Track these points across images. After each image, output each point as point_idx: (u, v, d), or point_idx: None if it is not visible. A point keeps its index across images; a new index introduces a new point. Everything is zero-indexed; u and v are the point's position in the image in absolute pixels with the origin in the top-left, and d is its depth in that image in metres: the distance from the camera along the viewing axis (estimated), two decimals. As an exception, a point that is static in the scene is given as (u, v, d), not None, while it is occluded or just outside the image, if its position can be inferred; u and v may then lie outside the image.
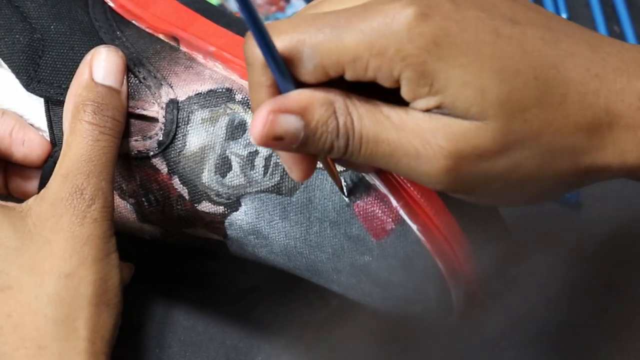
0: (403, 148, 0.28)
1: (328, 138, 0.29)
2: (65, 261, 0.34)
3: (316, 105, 0.28)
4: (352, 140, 0.29)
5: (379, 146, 0.28)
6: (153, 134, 0.36)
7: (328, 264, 0.36)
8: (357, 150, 0.29)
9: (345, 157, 0.29)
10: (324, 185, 0.35)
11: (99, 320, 0.34)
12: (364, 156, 0.29)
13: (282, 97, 0.29)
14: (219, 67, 0.36)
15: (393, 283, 0.35)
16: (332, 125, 0.28)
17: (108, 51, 0.36)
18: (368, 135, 0.28)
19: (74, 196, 0.34)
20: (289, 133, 0.28)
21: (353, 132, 0.28)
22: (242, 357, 0.41)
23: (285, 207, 0.35)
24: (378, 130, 0.28)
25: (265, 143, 0.29)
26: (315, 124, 0.28)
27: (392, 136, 0.28)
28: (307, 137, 0.29)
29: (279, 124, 0.28)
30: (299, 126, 0.28)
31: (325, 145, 0.29)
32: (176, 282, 0.43)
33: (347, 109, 0.29)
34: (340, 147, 0.29)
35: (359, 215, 0.34)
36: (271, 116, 0.28)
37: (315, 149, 0.29)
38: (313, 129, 0.28)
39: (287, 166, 0.31)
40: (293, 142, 0.29)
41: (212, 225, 0.37)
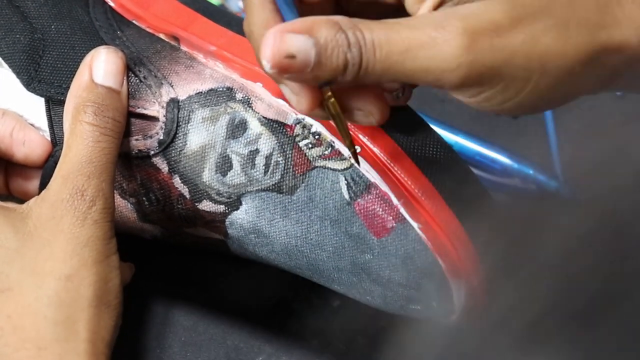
0: (417, 39, 0.28)
1: (340, 51, 0.28)
2: (66, 263, 0.34)
3: (321, 23, 0.28)
4: (365, 47, 0.28)
5: (393, 45, 0.28)
6: (154, 133, 0.36)
7: (329, 262, 0.36)
8: (372, 56, 0.28)
9: (362, 69, 0.28)
10: (324, 184, 0.35)
11: (99, 321, 0.34)
12: (380, 62, 0.28)
13: (286, 22, 0.29)
14: (220, 66, 0.36)
15: (394, 281, 0.35)
16: (342, 38, 0.28)
17: (108, 52, 0.36)
18: (380, 38, 0.28)
19: (74, 197, 0.34)
20: (300, 50, 0.28)
21: (364, 39, 0.28)
22: (243, 357, 0.41)
23: (286, 206, 0.35)
24: (389, 32, 0.28)
25: (278, 63, 0.28)
26: (325, 39, 0.28)
27: (405, 33, 0.28)
28: (319, 55, 0.28)
29: (289, 42, 0.28)
30: (309, 43, 0.28)
31: (339, 61, 0.28)
32: (177, 282, 0.43)
33: (352, 23, 0.29)
34: (355, 57, 0.28)
35: (359, 213, 0.34)
36: (279, 35, 0.28)
37: (330, 67, 0.28)
38: (323, 45, 0.28)
39: (294, 95, 0.31)
40: (306, 63, 0.28)
41: (213, 224, 0.37)
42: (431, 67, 0.28)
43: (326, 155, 0.34)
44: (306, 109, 0.31)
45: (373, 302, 0.37)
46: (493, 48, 0.28)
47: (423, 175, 0.34)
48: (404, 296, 0.35)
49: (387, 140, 0.34)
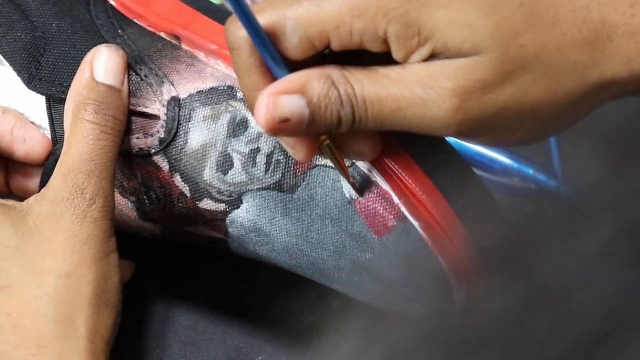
0: (407, 99, 0.28)
1: (334, 109, 0.29)
2: (66, 261, 0.34)
3: (314, 80, 0.29)
4: (357, 105, 0.29)
5: (384, 104, 0.28)
6: (155, 131, 0.36)
7: (329, 261, 0.36)
8: (364, 114, 0.29)
9: (355, 126, 0.29)
10: (325, 182, 0.35)
11: (98, 319, 0.34)
12: (372, 119, 0.29)
13: (278, 82, 0.29)
14: (221, 65, 0.36)
15: (395, 281, 0.35)
16: (334, 96, 0.29)
17: (109, 50, 0.36)
18: (371, 96, 0.28)
19: (74, 196, 0.34)
20: (294, 113, 0.28)
21: (356, 97, 0.29)
22: (243, 357, 0.41)
23: (287, 205, 0.35)
24: (379, 89, 0.28)
25: (273, 127, 0.29)
26: (318, 98, 0.29)
27: (394, 91, 0.28)
28: (313, 114, 0.29)
29: (282, 105, 0.28)
30: (302, 104, 0.28)
31: (333, 118, 0.29)
32: (177, 282, 0.43)
33: (345, 77, 0.29)
34: (348, 115, 0.29)
35: (360, 212, 0.34)
36: (272, 99, 0.29)
37: (324, 124, 0.29)
38: (317, 104, 0.29)
39: (291, 147, 0.31)
40: (301, 124, 0.29)
41: (214, 223, 0.37)
42: (422, 125, 0.29)
43: None
44: (304, 159, 0.32)
45: (374, 301, 0.37)
46: (483, 106, 0.28)
47: (424, 174, 0.34)
48: (405, 295, 0.35)
49: (389, 139, 0.34)
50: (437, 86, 0.28)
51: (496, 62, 0.28)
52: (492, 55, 0.28)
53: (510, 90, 0.28)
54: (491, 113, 0.28)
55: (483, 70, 0.28)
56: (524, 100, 0.28)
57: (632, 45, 0.28)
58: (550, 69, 0.28)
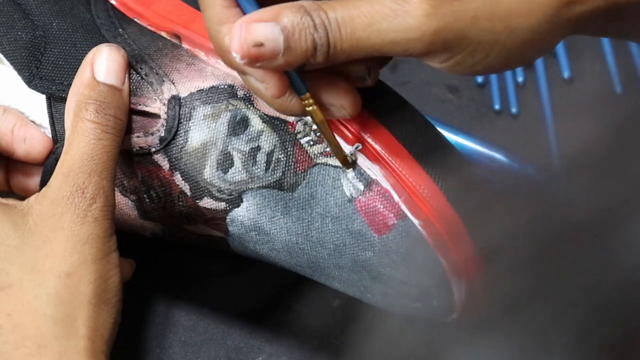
0: (378, 13, 0.28)
1: (307, 34, 0.29)
2: (66, 260, 0.33)
3: (286, 9, 0.29)
4: (330, 26, 0.29)
5: (356, 22, 0.28)
6: (155, 130, 0.36)
7: (329, 260, 0.36)
8: (337, 35, 0.29)
9: (331, 50, 0.29)
10: (325, 181, 0.35)
11: (98, 319, 0.34)
12: (346, 39, 0.29)
13: (251, 12, 0.29)
14: (221, 64, 0.36)
15: (394, 279, 0.35)
16: (307, 21, 0.29)
17: (110, 49, 0.36)
18: (343, 16, 0.29)
19: (75, 195, 0.34)
20: (268, 38, 0.28)
21: (328, 19, 0.29)
22: (243, 357, 0.41)
23: (287, 203, 0.35)
24: (350, 9, 0.29)
25: (247, 53, 0.29)
26: (291, 24, 0.29)
27: (365, 8, 0.28)
28: (287, 40, 0.29)
29: (256, 30, 0.28)
30: (276, 30, 0.28)
31: (307, 43, 0.29)
32: (177, 281, 0.43)
33: (316, 5, 0.29)
34: (322, 37, 0.29)
35: (361, 210, 0.34)
36: (244, 26, 0.29)
37: (300, 51, 0.29)
38: (290, 30, 0.29)
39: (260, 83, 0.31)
40: (275, 50, 0.29)
41: (214, 221, 0.37)
42: (397, 39, 0.28)
43: (327, 152, 0.34)
44: (276, 93, 0.31)
45: (373, 300, 0.36)
46: (455, 12, 0.28)
47: (424, 172, 0.34)
48: (405, 294, 0.35)
49: (389, 137, 0.34)
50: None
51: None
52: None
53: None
54: (464, 21, 0.28)
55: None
56: (496, 10, 0.28)
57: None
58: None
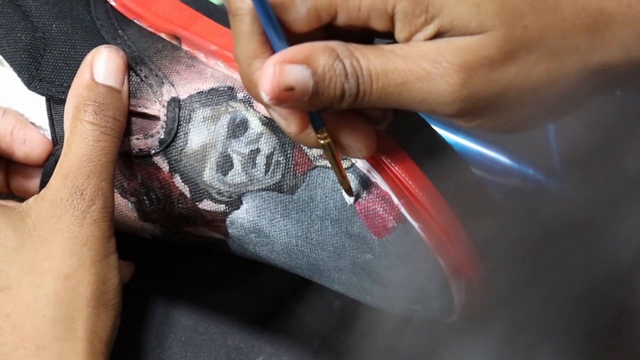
0: (413, 73, 0.28)
1: (338, 81, 0.29)
2: (65, 262, 0.33)
3: (318, 52, 0.29)
4: (362, 78, 0.29)
5: (390, 77, 0.29)
6: (154, 132, 0.36)
7: (329, 262, 0.36)
8: (369, 87, 0.29)
9: (358, 99, 0.29)
10: (325, 183, 0.35)
11: (97, 321, 0.34)
12: (376, 92, 0.29)
13: (283, 51, 0.29)
14: (221, 66, 0.36)
15: (394, 281, 0.35)
16: (339, 68, 0.29)
17: (109, 51, 0.36)
18: (376, 69, 0.29)
19: (74, 197, 0.34)
20: (298, 82, 0.28)
21: (361, 69, 0.29)
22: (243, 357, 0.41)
23: (287, 205, 0.35)
24: (385, 62, 0.29)
25: (277, 95, 0.29)
26: (322, 69, 0.29)
27: (400, 65, 0.29)
28: (317, 85, 0.29)
29: (288, 74, 0.28)
30: (307, 74, 0.28)
31: (336, 91, 0.29)
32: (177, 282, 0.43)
33: (349, 51, 0.29)
34: (352, 87, 0.29)
35: (360, 213, 0.34)
36: (278, 67, 0.28)
37: (327, 97, 0.29)
38: (321, 75, 0.29)
39: (284, 118, 0.31)
40: (304, 94, 0.29)
41: (213, 223, 0.37)
42: (427, 100, 0.29)
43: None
44: (296, 131, 0.31)
45: (373, 302, 0.37)
46: (488, 82, 0.29)
47: (424, 174, 0.34)
48: (404, 296, 0.35)
49: (388, 140, 0.34)
50: (443, 60, 0.28)
51: (501, 41, 0.28)
52: (498, 34, 0.28)
53: (514, 69, 0.29)
54: (495, 91, 0.29)
55: (489, 47, 0.28)
56: (527, 80, 0.29)
57: (629, 33, 0.29)
58: (553, 51, 0.29)
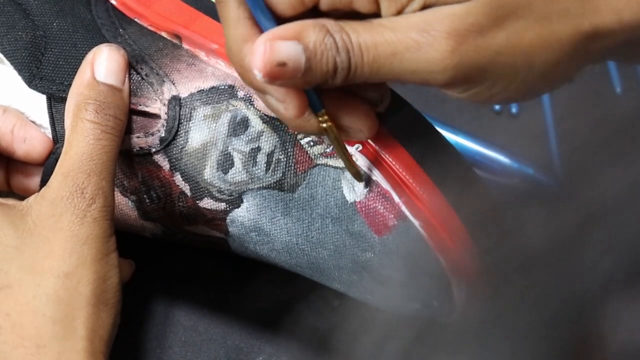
0: (402, 43, 0.28)
1: (329, 56, 0.29)
2: (65, 260, 0.33)
3: (309, 28, 0.29)
4: (353, 51, 0.29)
5: (379, 49, 0.29)
6: (155, 130, 0.36)
7: (330, 261, 0.36)
8: (360, 60, 0.29)
9: (351, 73, 0.29)
10: (326, 181, 0.35)
11: (97, 319, 0.34)
12: (368, 65, 0.29)
13: (273, 29, 0.29)
14: (221, 65, 0.36)
15: (395, 280, 0.35)
16: (330, 42, 0.29)
17: (110, 50, 0.36)
18: (366, 42, 0.29)
19: (74, 195, 0.34)
20: (290, 57, 0.28)
21: (351, 43, 0.29)
22: (243, 357, 0.41)
23: (287, 204, 0.35)
24: (374, 35, 0.29)
25: (270, 72, 0.29)
26: (314, 44, 0.28)
27: (389, 36, 0.29)
28: (309, 61, 0.29)
29: (279, 50, 0.28)
30: (299, 49, 0.28)
31: (329, 65, 0.29)
32: (177, 282, 0.43)
33: (339, 26, 0.29)
34: (344, 61, 0.29)
35: (361, 211, 0.34)
36: (268, 44, 0.28)
37: (320, 72, 0.29)
38: (312, 50, 0.29)
39: (281, 101, 0.31)
40: (297, 70, 0.29)
41: (214, 222, 0.37)
42: (418, 69, 0.29)
43: (328, 153, 0.34)
44: (295, 114, 0.31)
45: (373, 301, 0.37)
46: (478, 48, 0.28)
47: (424, 173, 0.34)
48: (405, 295, 0.35)
49: (389, 138, 0.34)
50: (432, 29, 0.28)
51: (489, 7, 0.28)
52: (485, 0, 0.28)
53: (503, 34, 0.29)
54: (486, 57, 0.29)
55: (477, 14, 0.28)
56: (518, 45, 0.29)
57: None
58: (543, 15, 0.29)
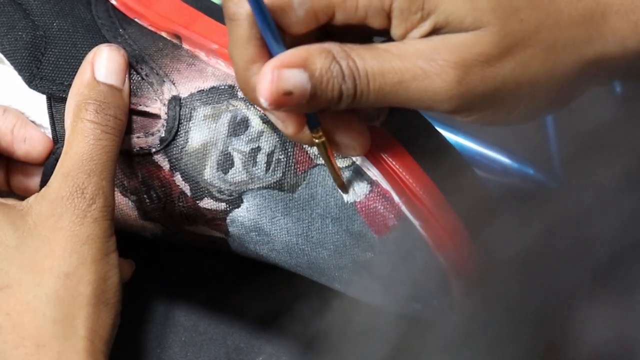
0: (409, 72, 0.29)
1: (335, 83, 0.29)
2: (65, 260, 0.33)
3: (315, 54, 0.29)
4: (359, 79, 0.29)
5: (386, 77, 0.29)
6: (155, 130, 0.36)
7: (330, 260, 0.36)
8: (366, 87, 0.29)
9: (356, 100, 0.29)
10: (326, 181, 0.35)
11: (97, 319, 0.34)
12: (374, 92, 0.29)
13: (280, 55, 0.29)
14: (222, 65, 0.36)
15: (394, 280, 0.35)
16: (336, 70, 0.29)
17: (110, 50, 0.36)
18: (373, 69, 0.29)
19: (74, 195, 0.34)
20: (297, 87, 0.29)
21: (358, 71, 0.29)
22: (243, 357, 0.41)
23: (287, 204, 0.35)
24: (381, 62, 0.29)
25: (276, 100, 0.29)
26: (320, 72, 0.29)
27: (396, 64, 0.29)
28: (314, 88, 0.29)
29: (286, 79, 0.29)
30: (305, 78, 0.29)
31: (334, 93, 0.29)
32: (177, 282, 0.43)
33: (345, 52, 0.29)
34: (349, 89, 0.29)
35: (361, 211, 0.34)
36: (276, 72, 0.29)
37: (325, 99, 0.29)
38: (318, 78, 0.29)
39: (281, 121, 0.31)
40: (303, 97, 0.29)
41: (214, 222, 0.37)
42: (424, 98, 0.29)
43: None
44: (293, 133, 0.32)
45: (374, 300, 0.37)
46: (484, 78, 0.29)
47: (424, 173, 0.34)
48: (405, 295, 0.35)
49: (389, 138, 0.34)
50: (439, 58, 0.28)
51: (497, 36, 0.28)
52: (493, 29, 0.28)
53: (510, 64, 0.29)
54: (492, 87, 0.29)
55: (484, 43, 0.28)
56: (524, 75, 0.29)
57: (624, 24, 0.29)
58: (549, 44, 0.29)
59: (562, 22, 0.29)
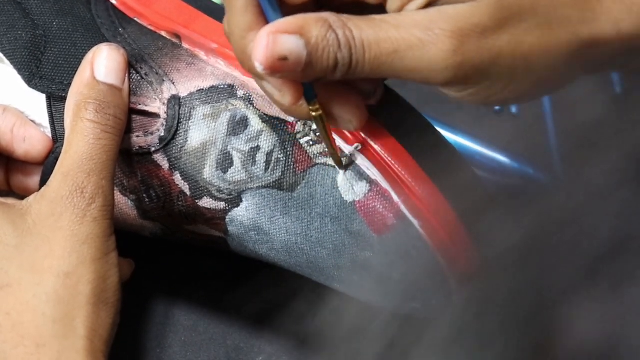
0: (406, 41, 0.28)
1: (331, 51, 0.29)
2: (65, 260, 0.34)
3: (311, 22, 0.29)
4: (355, 47, 0.29)
5: (382, 46, 0.29)
6: (155, 129, 0.36)
7: (329, 260, 0.36)
8: (361, 56, 0.29)
9: (351, 69, 0.29)
10: (325, 181, 0.35)
11: (97, 319, 0.34)
12: (369, 61, 0.29)
13: (276, 21, 0.29)
14: (221, 64, 0.36)
15: (393, 279, 0.35)
16: (332, 38, 0.29)
17: (110, 49, 0.36)
18: (369, 39, 0.29)
19: (74, 195, 0.34)
20: (292, 52, 0.28)
21: (354, 39, 0.29)
22: (243, 357, 0.41)
23: (287, 203, 0.35)
24: (377, 32, 0.29)
25: (271, 65, 0.29)
26: (316, 39, 0.29)
27: (393, 33, 0.29)
28: (310, 55, 0.29)
29: (281, 44, 0.28)
30: (301, 45, 0.28)
31: (330, 61, 0.29)
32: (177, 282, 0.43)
33: (342, 22, 0.29)
34: (345, 57, 0.29)
35: (360, 210, 0.34)
36: (271, 37, 0.29)
37: (321, 68, 0.29)
38: (314, 45, 0.29)
39: (278, 90, 0.31)
40: (298, 64, 0.29)
41: (213, 221, 0.37)
42: (419, 68, 0.29)
43: (327, 153, 0.34)
44: (290, 103, 0.32)
45: (373, 299, 0.36)
46: (480, 49, 0.29)
47: (424, 172, 0.34)
48: (404, 294, 0.35)
49: (388, 137, 0.34)
50: (436, 28, 0.28)
51: (493, 8, 0.29)
52: (490, 2, 0.29)
53: (506, 36, 0.29)
54: (487, 58, 0.29)
55: (481, 15, 0.28)
56: (519, 48, 0.29)
57: (618, 7, 0.30)
58: (544, 20, 0.29)
59: (557, 1, 0.29)
